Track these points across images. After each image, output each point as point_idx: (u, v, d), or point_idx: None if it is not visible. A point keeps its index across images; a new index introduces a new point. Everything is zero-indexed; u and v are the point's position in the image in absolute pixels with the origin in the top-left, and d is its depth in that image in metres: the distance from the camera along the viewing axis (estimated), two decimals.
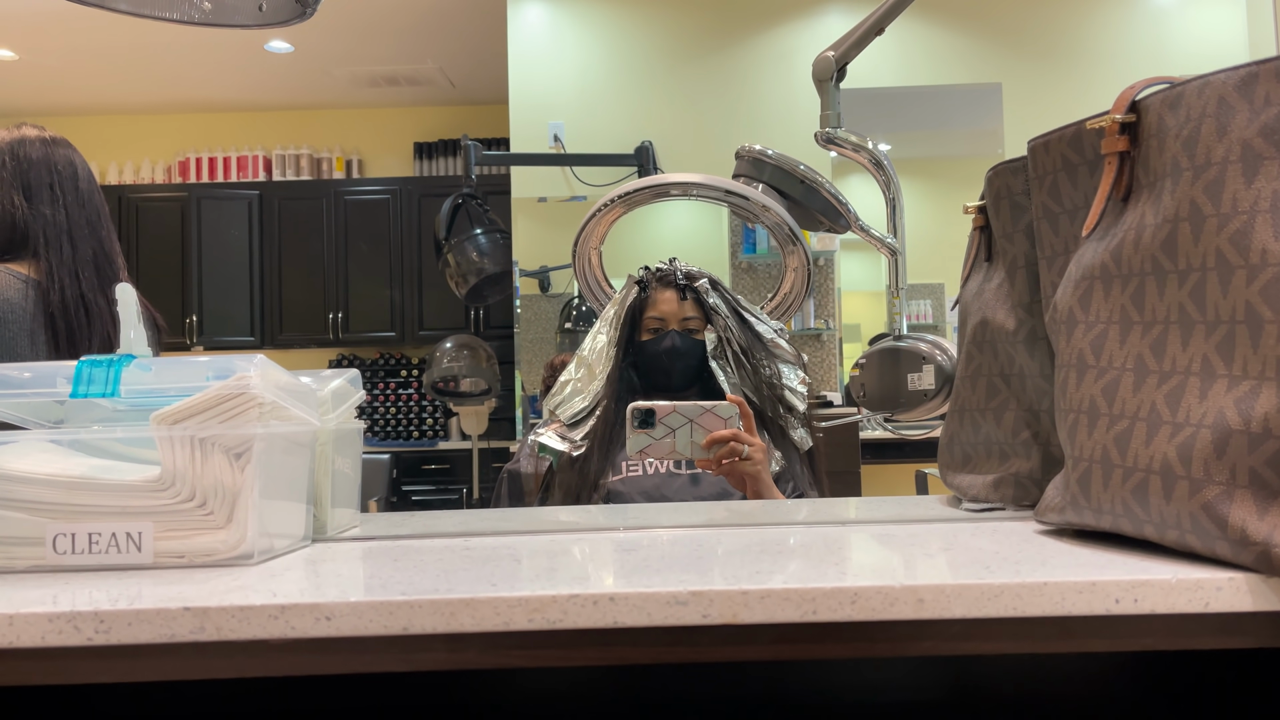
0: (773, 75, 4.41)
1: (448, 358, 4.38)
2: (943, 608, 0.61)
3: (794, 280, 1.71)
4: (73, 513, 0.75)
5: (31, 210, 1.75)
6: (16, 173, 1.76)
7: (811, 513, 1.03)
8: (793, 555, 0.74)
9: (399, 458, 5.14)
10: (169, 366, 0.81)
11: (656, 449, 1.22)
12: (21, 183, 1.76)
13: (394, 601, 0.61)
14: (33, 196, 1.76)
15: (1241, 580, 0.61)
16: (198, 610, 0.61)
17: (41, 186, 1.78)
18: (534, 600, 0.61)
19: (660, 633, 0.62)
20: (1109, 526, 0.72)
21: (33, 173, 1.77)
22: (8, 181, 1.75)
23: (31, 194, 1.76)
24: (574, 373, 1.61)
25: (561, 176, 4.43)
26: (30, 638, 0.60)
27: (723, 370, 1.55)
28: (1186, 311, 0.66)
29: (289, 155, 5.77)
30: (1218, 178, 0.64)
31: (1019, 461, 0.92)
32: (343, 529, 0.95)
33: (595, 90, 4.43)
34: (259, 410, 0.76)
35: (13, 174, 1.76)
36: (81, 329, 1.77)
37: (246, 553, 0.76)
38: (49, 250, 1.75)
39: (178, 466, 0.75)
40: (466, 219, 4.16)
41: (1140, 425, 0.68)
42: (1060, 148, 0.82)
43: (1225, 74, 0.65)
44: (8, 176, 1.75)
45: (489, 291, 4.31)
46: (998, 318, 0.94)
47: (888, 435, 3.45)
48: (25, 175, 1.76)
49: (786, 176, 1.59)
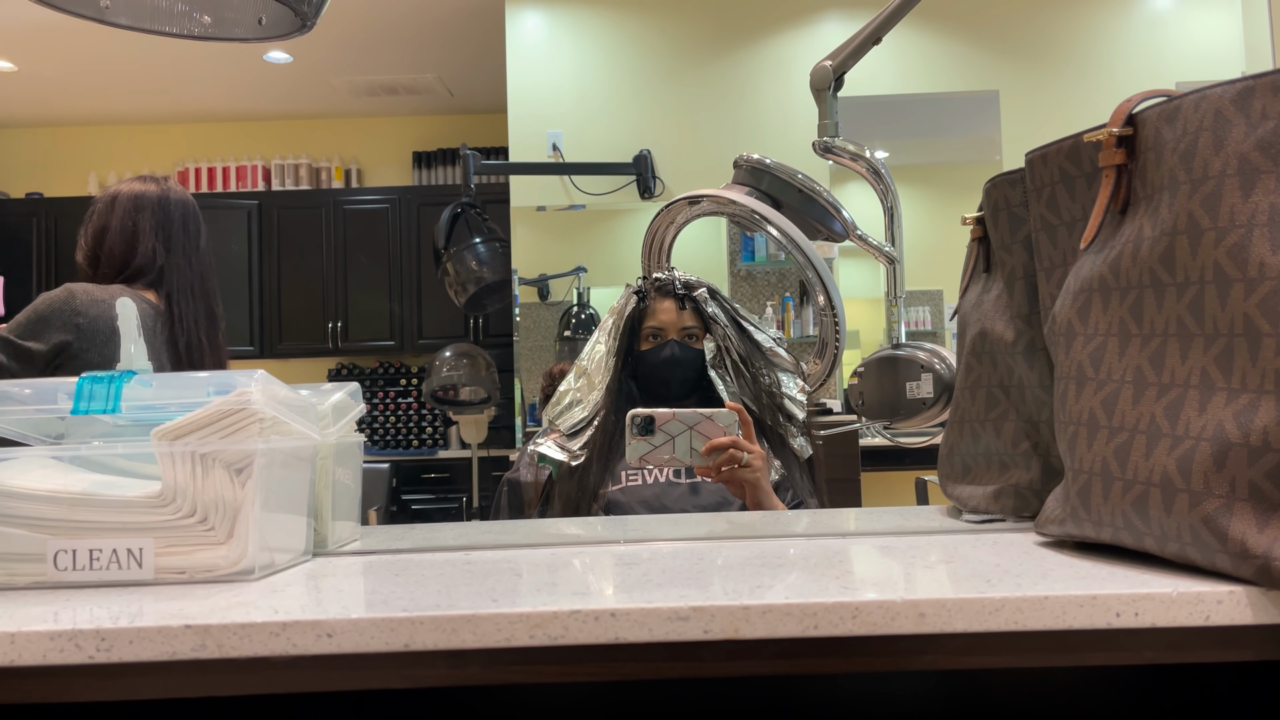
0: (770, 83, 4.42)
1: (447, 366, 4.38)
2: (944, 622, 0.61)
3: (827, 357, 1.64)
4: (74, 529, 0.75)
5: (170, 260, 2.03)
6: (164, 222, 2.03)
7: (812, 524, 1.03)
8: (793, 569, 0.74)
9: (398, 466, 5.13)
10: (170, 382, 0.81)
11: (655, 456, 1.23)
12: (165, 233, 2.03)
13: (395, 618, 0.61)
14: (172, 246, 2.03)
15: (1242, 593, 0.61)
16: (199, 628, 0.61)
17: (179, 238, 2.05)
18: (535, 616, 0.61)
19: (662, 648, 0.62)
20: (1109, 539, 0.72)
21: (173, 225, 2.05)
22: (153, 228, 2.02)
23: (171, 244, 2.03)
24: (573, 383, 1.61)
25: (560, 185, 4.43)
26: (31, 656, 0.60)
27: (722, 379, 1.55)
28: (1185, 324, 0.67)
29: (288, 165, 5.78)
30: (1215, 191, 0.65)
31: (1019, 472, 0.93)
32: (343, 542, 0.95)
33: (593, 99, 4.44)
34: (260, 425, 0.76)
35: (159, 222, 2.03)
36: (200, 368, 2.03)
37: (247, 568, 0.76)
38: (180, 296, 2.03)
39: (179, 482, 0.75)
40: (465, 228, 4.17)
41: (1140, 438, 0.69)
42: (1058, 160, 0.83)
43: (1222, 88, 0.65)
44: (154, 225, 2.02)
45: (488, 300, 4.32)
46: (996, 329, 0.94)
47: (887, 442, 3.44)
48: (169, 225, 2.04)
49: (784, 185, 1.59)
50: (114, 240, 2.00)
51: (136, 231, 2.00)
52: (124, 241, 2.00)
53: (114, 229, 2.01)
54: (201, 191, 5.73)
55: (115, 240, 2.00)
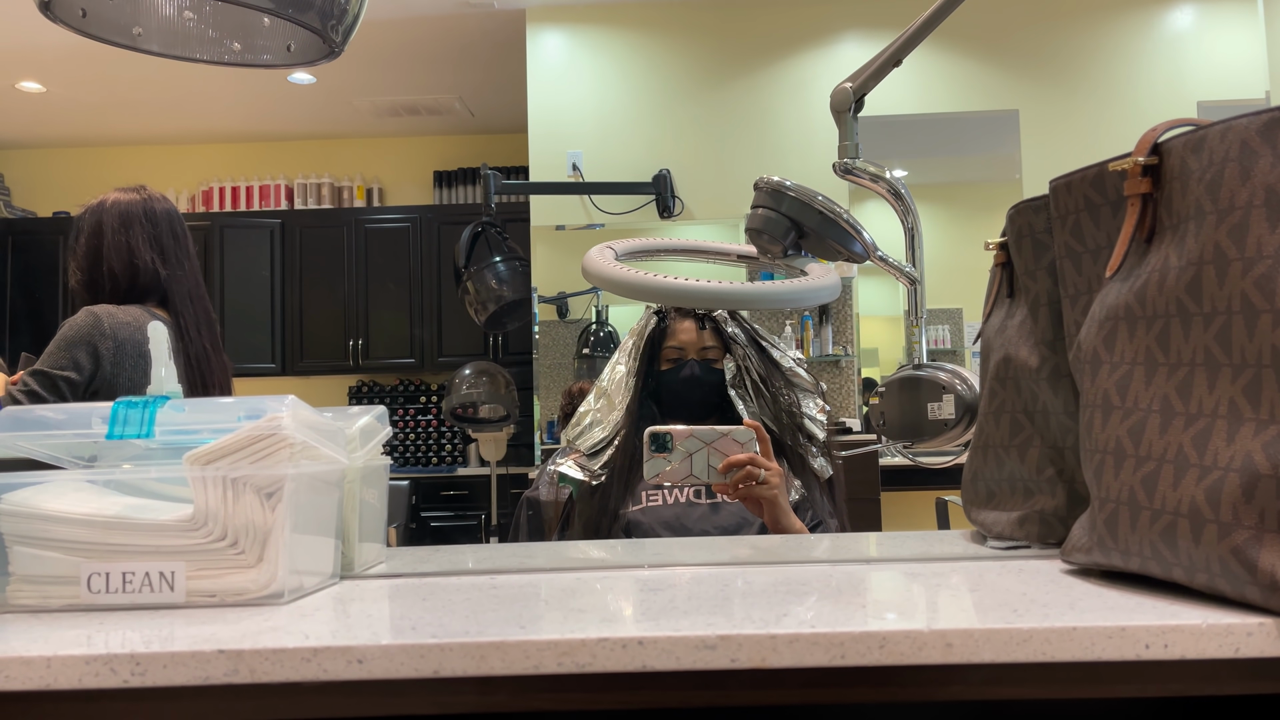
0: (789, 103, 4.44)
1: (467, 384, 4.40)
2: (971, 652, 0.61)
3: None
4: (107, 552, 0.76)
5: (168, 270, 2.00)
6: (155, 233, 1.99)
7: (834, 549, 1.03)
8: (818, 596, 0.74)
9: (418, 484, 5.15)
10: (202, 407, 0.82)
11: (673, 474, 1.23)
12: (159, 244, 2.00)
13: (425, 644, 0.62)
14: (167, 257, 2.00)
15: (1272, 625, 0.61)
16: (232, 653, 0.62)
17: (171, 247, 2.01)
18: (563, 644, 0.61)
19: (688, 676, 0.62)
20: (1137, 569, 0.72)
21: (163, 235, 2.01)
22: (146, 241, 1.98)
23: (165, 254, 2.00)
24: (593, 403, 1.62)
25: (580, 205, 4.46)
26: (67, 680, 0.61)
27: (742, 399, 1.56)
28: (1212, 354, 0.67)
29: (310, 184, 5.84)
30: (1241, 222, 0.65)
31: (1044, 499, 0.92)
32: (369, 564, 0.96)
33: (613, 119, 4.47)
34: (290, 451, 0.77)
35: (150, 235, 1.99)
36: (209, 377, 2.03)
37: (277, 592, 0.76)
38: (182, 305, 2.00)
39: (210, 506, 0.76)
40: (486, 247, 4.20)
41: (1168, 467, 0.68)
42: (1083, 188, 0.83)
43: (1248, 119, 0.66)
44: (145, 237, 1.98)
45: (508, 318, 4.34)
46: (1020, 354, 0.94)
47: (907, 462, 3.43)
48: (160, 236, 2.00)
49: (804, 208, 1.60)
50: (110, 260, 1.96)
51: (130, 247, 1.96)
52: (120, 260, 1.96)
53: (107, 249, 1.97)
54: (225, 210, 5.79)
55: (111, 260, 1.96)
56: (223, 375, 2.09)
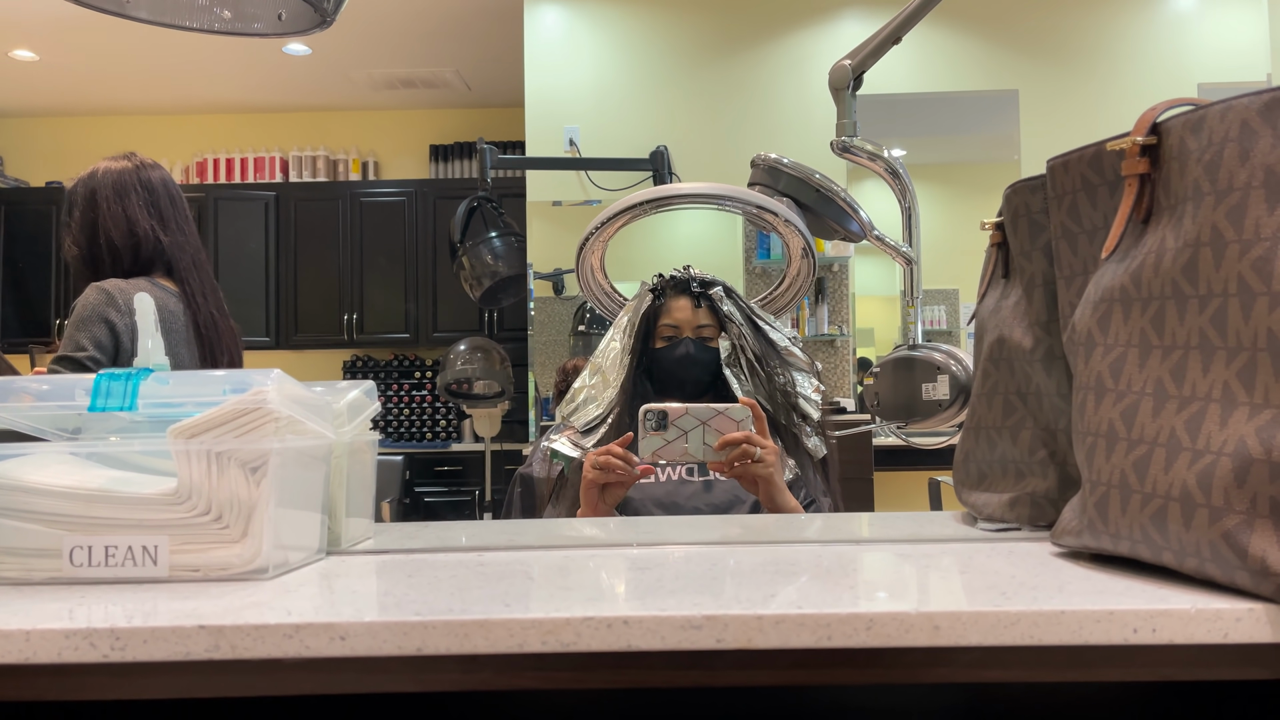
0: (788, 81, 4.40)
1: (461, 360, 4.39)
2: (958, 635, 0.61)
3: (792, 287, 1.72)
4: (90, 525, 0.76)
5: (168, 237, 1.94)
6: (151, 200, 1.93)
7: (825, 530, 1.03)
8: (809, 577, 0.73)
9: (412, 459, 5.15)
10: (186, 380, 0.81)
11: (669, 451, 1.23)
12: (157, 211, 1.94)
13: (408, 622, 0.61)
14: (166, 224, 1.94)
15: (1261, 611, 0.60)
16: (213, 629, 0.61)
17: (169, 213, 1.96)
18: (548, 622, 0.61)
19: (674, 656, 0.62)
20: (1127, 552, 0.71)
21: (160, 201, 1.95)
22: (143, 209, 1.92)
23: (165, 221, 1.94)
24: (588, 380, 1.61)
25: (576, 180, 4.43)
26: (46, 654, 0.61)
27: (737, 378, 1.55)
28: (1207, 337, 0.66)
29: (305, 157, 5.80)
30: (1240, 203, 0.64)
31: (1035, 481, 0.92)
32: (356, 540, 0.95)
33: (611, 95, 4.43)
34: (275, 425, 0.77)
35: (147, 202, 1.93)
36: (218, 344, 1.99)
37: (261, 567, 0.76)
38: (186, 273, 1.95)
39: (194, 480, 0.76)
40: (481, 222, 4.17)
41: (1159, 451, 0.68)
42: (1080, 168, 0.82)
43: (1249, 99, 0.65)
44: (142, 204, 1.92)
45: (503, 294, 4.32)
46: (1014, 336, 0.94)
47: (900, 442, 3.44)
48: (157, 203, 1.94)
49: (802, 185, 1.59)
50: (109, 232, 1.90)
51: (128, 217, 1.90)
52: (119, 230, 1.90)
53: (104, 220, 1.90)
54: (219, 182, 5.76)
55: (109, 231, 1.90)
56: (232, 340, 2.04)
